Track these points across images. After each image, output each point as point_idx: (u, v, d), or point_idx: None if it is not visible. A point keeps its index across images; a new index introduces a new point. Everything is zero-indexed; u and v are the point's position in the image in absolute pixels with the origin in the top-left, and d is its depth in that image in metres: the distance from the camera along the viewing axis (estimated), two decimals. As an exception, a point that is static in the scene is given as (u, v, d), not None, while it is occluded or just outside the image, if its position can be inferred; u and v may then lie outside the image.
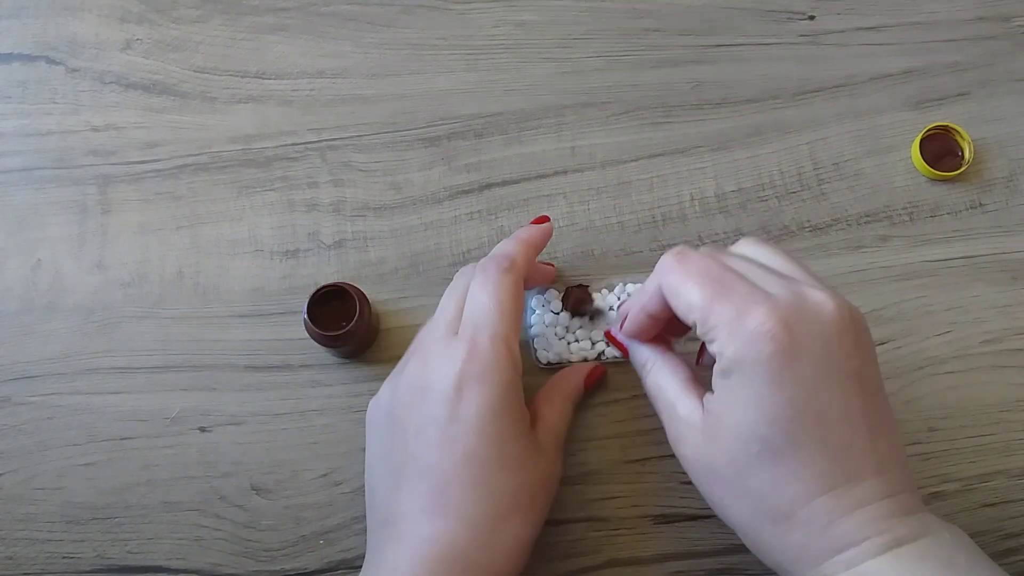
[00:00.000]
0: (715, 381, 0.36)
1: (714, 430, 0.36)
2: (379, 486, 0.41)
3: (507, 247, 0.44)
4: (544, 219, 0.48)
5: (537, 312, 0.50)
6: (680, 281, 0.37)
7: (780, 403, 0.34)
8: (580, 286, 0.49)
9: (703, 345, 0.43)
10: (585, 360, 0.49)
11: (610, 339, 0.46)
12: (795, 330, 0.34)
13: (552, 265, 0.51)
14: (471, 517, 0.38)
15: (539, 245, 0.46)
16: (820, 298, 0.35)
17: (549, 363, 0.49)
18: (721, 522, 0.38)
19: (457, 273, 0.45)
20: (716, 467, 0.36)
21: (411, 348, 0.44)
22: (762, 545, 0.37)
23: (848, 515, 0.34)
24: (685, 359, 0.42)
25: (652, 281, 0.39)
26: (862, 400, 0.35)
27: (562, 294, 0.49)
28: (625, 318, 0.43)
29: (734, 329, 0.34)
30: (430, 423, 0.39)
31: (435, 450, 0.39)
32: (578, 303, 0.49)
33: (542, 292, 0.50)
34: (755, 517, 0.36)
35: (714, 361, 0.36)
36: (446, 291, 0.44)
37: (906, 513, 0.35)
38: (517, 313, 0.41)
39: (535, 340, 0.49)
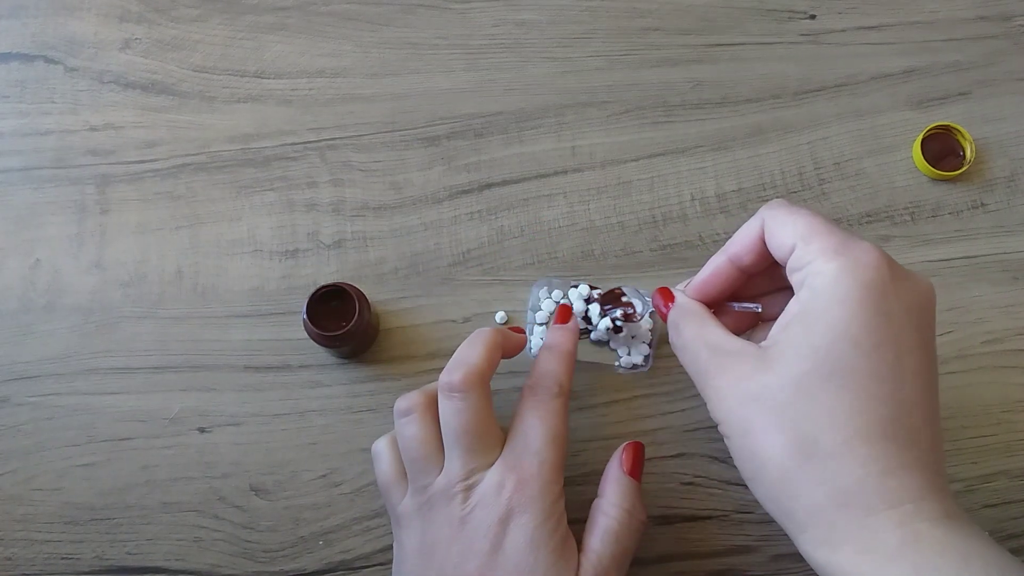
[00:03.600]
0: (794, 306, 0.36)
1: (778, 352, 0.35)
2: None
3: (552, 366, 0.43)
4: (566, 312, 0.46)
5: (544, 303, 0.49)
6: (789, 212, 0.38)
7: (868, 328, 0.34)
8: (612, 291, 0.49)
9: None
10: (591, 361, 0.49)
11: (660, 298, 0.43)
12: (895, 273, 0.35)
13: (523, 330, 0.47)
14: None
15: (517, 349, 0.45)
16: (919, 273, 0.37)
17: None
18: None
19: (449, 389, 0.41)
20: (768, 391, 0.35)
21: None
22: (798, 485, 0.34)
23: (906, 471, 0.33)
24: None
25: (750, 223, 0.40)
26: (933, 374, 0.36)
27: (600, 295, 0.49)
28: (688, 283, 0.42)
29: (840, 252, 0.35)
30: (471, 556, 0.39)
31: None
32: (613, 299, 0.48)
33: (548, 282, 0.49)
34: (801, 447, 0.34)
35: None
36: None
37: (949, 496, 0.34)
38: (564, 438, 0.41)
39: (536, 333, 0.49)
